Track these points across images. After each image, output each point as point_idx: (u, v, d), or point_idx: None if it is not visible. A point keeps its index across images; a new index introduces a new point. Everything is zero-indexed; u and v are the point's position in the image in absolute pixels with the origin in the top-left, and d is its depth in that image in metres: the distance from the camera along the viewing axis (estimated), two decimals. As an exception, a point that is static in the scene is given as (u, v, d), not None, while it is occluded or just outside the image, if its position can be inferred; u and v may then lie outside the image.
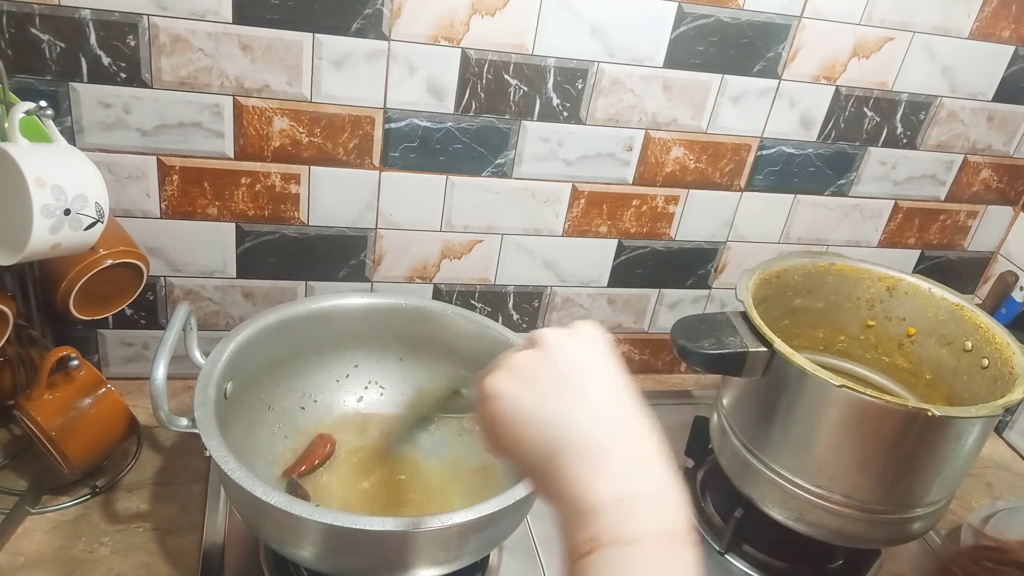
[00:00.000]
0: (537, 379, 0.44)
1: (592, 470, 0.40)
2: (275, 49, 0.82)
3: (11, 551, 0.74)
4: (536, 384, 0.44)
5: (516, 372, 0.45)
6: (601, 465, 0.40)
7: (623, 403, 0.44)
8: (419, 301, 0.89)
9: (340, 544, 0.65)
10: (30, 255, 0.67)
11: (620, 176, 0.99)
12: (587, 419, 0.42)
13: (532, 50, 0.88)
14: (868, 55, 0.98)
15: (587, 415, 0.42)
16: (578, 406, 0.43)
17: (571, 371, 0.44)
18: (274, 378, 0.84)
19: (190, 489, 0.84)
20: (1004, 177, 1.14)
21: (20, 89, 0.77)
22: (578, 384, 0.44)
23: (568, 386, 0.44)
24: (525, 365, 0.45)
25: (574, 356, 0.45)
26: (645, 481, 0.40)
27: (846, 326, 0.97)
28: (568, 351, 0.45)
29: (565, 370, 0.44)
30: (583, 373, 0.44)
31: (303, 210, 0.92)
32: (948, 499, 0.82)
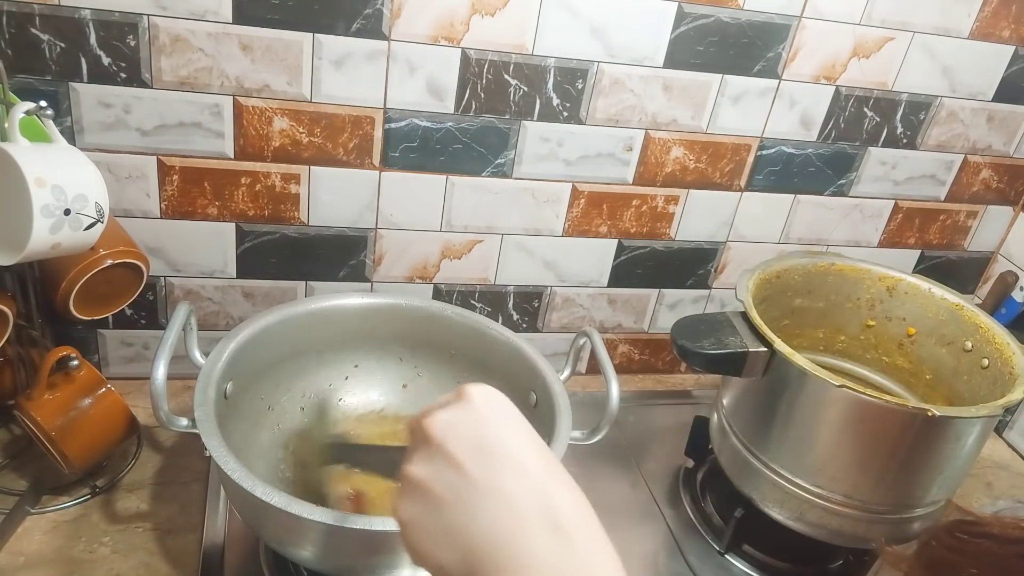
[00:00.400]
0: (441, 493, 0.41)
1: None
2: (275, 49, 0.82)
3: (11, 551, 0.74)
4: (441, 500, 0.40)
5: (419, 490, 0.41)
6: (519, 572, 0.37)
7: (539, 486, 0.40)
8: (419, 301, 0.89)
9: (340, 544, 0.65)
10: (30, 255, 0.67)
11: (620, 176, 0.99)
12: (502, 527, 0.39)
13: (532, 50, 0.88)
14: (868, 55, 0.98)
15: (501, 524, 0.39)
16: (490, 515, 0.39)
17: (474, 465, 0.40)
18: (274, 378, 0.84)
19: (190, 489, 0.84)
20: (1004, 177, 1.14)
21: (20, 89, 0.77)
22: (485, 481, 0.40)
23: (474, 490, 0.40)
24: (426, 475, 0.41)
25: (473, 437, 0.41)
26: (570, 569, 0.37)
27: (846, 326, 0.97)
28: (464, 436, 0.42)
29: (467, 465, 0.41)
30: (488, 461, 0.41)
31: (303, 210, 0.92)
32: (948, 499, 0.82)
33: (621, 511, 0.91)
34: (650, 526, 0.90)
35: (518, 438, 0.42)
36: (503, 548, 0.38)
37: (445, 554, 0.40)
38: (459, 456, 0.41)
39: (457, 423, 0.42)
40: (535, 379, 0.82)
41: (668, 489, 0.96)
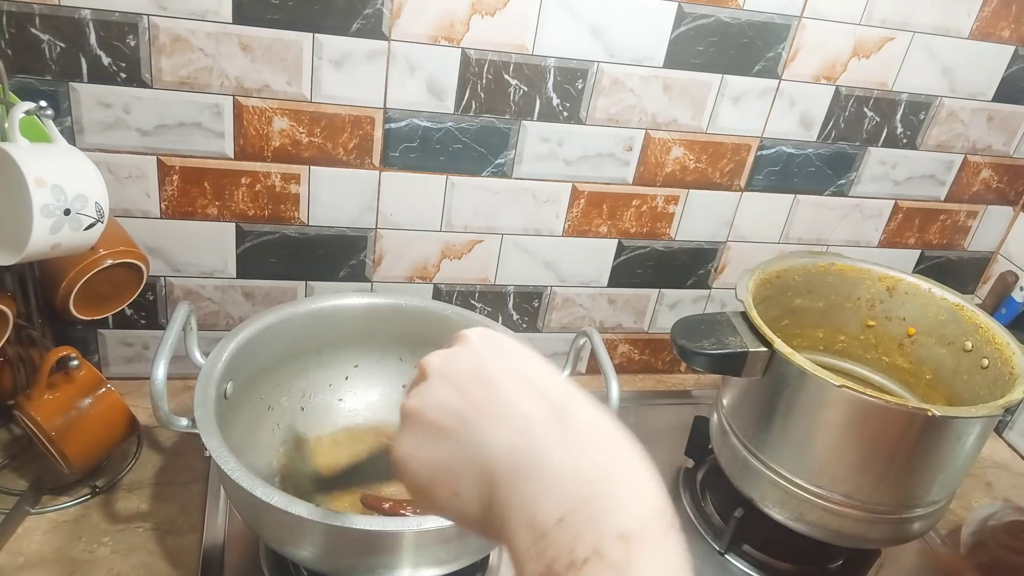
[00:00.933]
0: (443, 417, 0.38)
1: (530, 493, 0.34)
2: (275, 49, 0.82)
3: (11, 551, 0.74)
4: (443, 425, 0.38)
5: (417, 418, 0.39)
6: (539, 484, 0.34)
7: (543, 392, 0.38)
8: (419, 301, 0.89)
9: (340, 544, 0.65)
10: (30, 255, 0.67)
11: (620, 176, 0.99)
12: (512, 436, 0.36)
13: (532, 50, 0.88)
14: (868, 55, 0.98)
15: (510, 433, 0.36)
16: (497, 427, 0.37)
17: (474, 389, 0.38)
18: (274, 378, 0.84)
19: (190, 489, 0.84)
20: (1004, 177, 1.14)
21: (20, 89, 0.77)
22: (487, 402, 0.38)
23: (477, 410, 0.38)
24: (419, 410, 0.39)
25: (472, 368, 0.39)
26: (590, 480, 0.34)
27: (846, 326, 0.97)
28: (461, 365, 0.40)
29: (468, 390, 0.39)
30: (489, 384, 0.38)
31: (303, 210, 0.92)
32: (948, 499, 0.82)
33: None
34: (650, 526, 0.90)
35: (525, 364, 0.40)
36: (518, 457, 0.35)
37: (459, 482, 0.37)
38: (459, 383, 0.39)
39: (452, 356, 0.41)
40: (535, 379, 0.81)
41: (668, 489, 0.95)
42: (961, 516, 0.95)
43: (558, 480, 0.34)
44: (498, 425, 0.37)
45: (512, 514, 0.34)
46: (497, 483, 0.35)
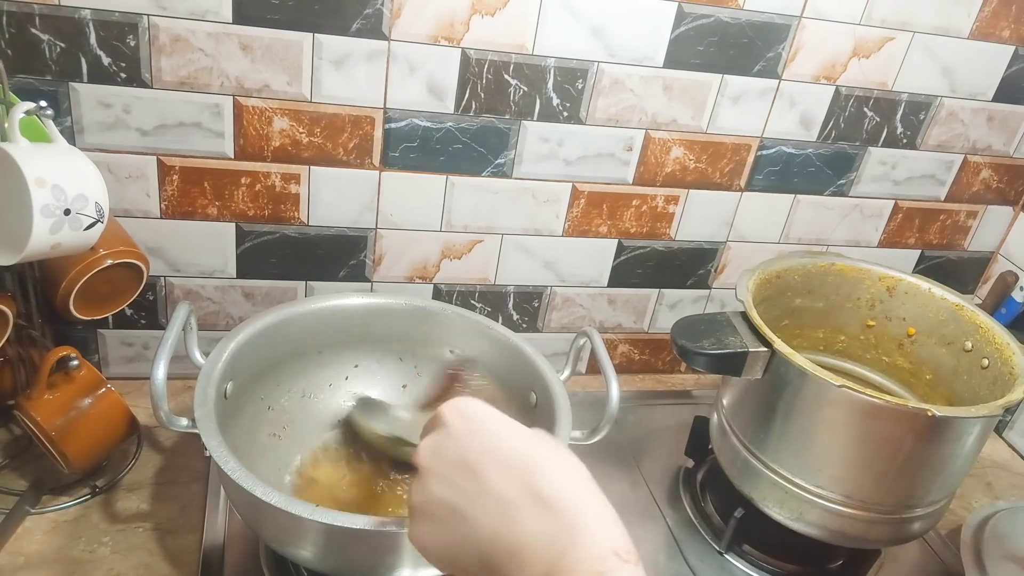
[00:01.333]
0: (440, 512, 0.46)
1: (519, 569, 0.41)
2: (275, 49, 0.82)
3: (11, 551, 0.74)
4: (442, 517, 0.46)
5: (422, 512, 0.47)
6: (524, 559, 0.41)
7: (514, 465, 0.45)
8: (419, 301, 0.89)
9: (340, 544, 0.65)
10: (30, 255, 0.67)
11: (620, 176, 0.99)
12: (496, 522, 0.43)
13: (532, 50, 0.88)
14: (868, 55, 0.98)
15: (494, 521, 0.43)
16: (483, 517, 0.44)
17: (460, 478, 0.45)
18: (274, 378, 0.84)
19: (190, 489, 0.84)
20: (1004, 177, 1.14)
21: (20, 89, 0.77)
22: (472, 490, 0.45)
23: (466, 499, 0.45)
24: (424, 498, 0.47)
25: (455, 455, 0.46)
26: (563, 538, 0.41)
27: (846, 326, 0.97)
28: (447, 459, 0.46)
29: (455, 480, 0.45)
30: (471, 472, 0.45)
31: (303, 210, 0.92)
32: (948, 499, 0.82)
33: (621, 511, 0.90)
34: (650, 526, 0.90)
35: (496, 440, 0.46)
36: (504, 540, 0.42)
37: (465, 563, 0.45)
38: (446, 475, 0.46)
39: (438, 447, 0.47)
40: (535, 379, 0.82)
41: (668, 489, 0.96)
42: (961, 516, 0.95)
43: (537, 550, 0.41)
44: (483, 512, 0.44)
45: None
46: (492, 564, 0.43)
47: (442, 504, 0.46)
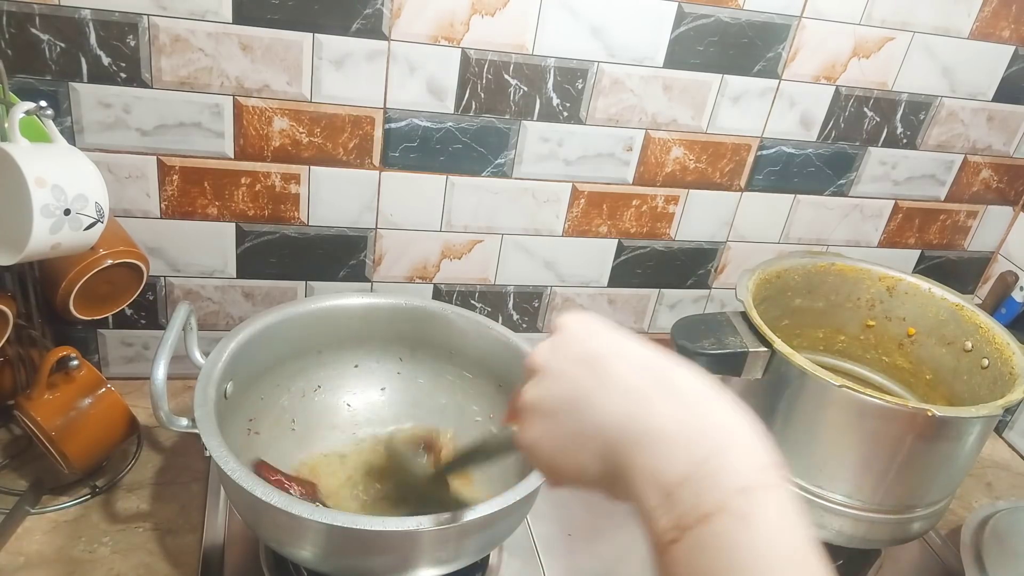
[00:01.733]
0: (558, 403, 0.42)
1: (651, 458, 0.38)
2: (275, 49, 0.82)
3: (11, 551, 0.74)
4: (560, 409, 0.42)
5: (536, 410, 0.44)
6: (657, 449, 0.38)
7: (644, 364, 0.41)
8: (419, 301, 0.89)
9: (340, 544, 0.65)
10: (30, 255, 0.67)
11: (620, 176, 0.99)
12: (625, 409, 0.39)
13: (532, 50, 0.88)
14: (868, 55, 0.98)
15: (623, 407, 0.40)
16: (610, 404, 0.40)
17: (582, 372, 0.42)
18: (274, 378, 0.84)
19: (190, 489, 0.84)
20: (1004, 177, 1.14)
21: (20, 89, 0.77)
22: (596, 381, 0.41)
23: (589, 390, 0.41)
24: (539, 396, 0.43)
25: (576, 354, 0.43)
26: (706, 440, 0.37)
27: (846, 326, 0.97)
28: (567, 356, 0.43)
29: (576, 375, 0.42)
30: (595, 366, 0.42)
31: (303, 210, 0.92)
32: (948, 499, 0.83)
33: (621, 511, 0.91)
34: (650, 526, 0.90)
35: (622, 342, 0.43)
36: (633, 426, 0.39)
37: (582, 456, 0.41)
38: (568, 371, 0.43)
39: (556, 347, 0.44)
40: (535, 379, 0.81)
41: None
42: (961, 516, 0.95)
43: (675, 445, 0.37)
44: (609, 400, 0.40)
45: (636, 478, 0.38)
46: (618, 453, 0.39)
47: (562, 398, 0.42)
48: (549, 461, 0.43)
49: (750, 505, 0.35)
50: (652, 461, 0.37)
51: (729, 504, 0.35)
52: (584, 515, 0.89)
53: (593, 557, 0.85)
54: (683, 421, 0.38)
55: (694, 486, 0.36)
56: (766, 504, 0.35)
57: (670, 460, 0.37)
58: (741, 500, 0.35)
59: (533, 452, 0.44)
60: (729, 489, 0.35)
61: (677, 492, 0.36)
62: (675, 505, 0.36)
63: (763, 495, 0.35)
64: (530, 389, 0.44)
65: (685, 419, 0.38)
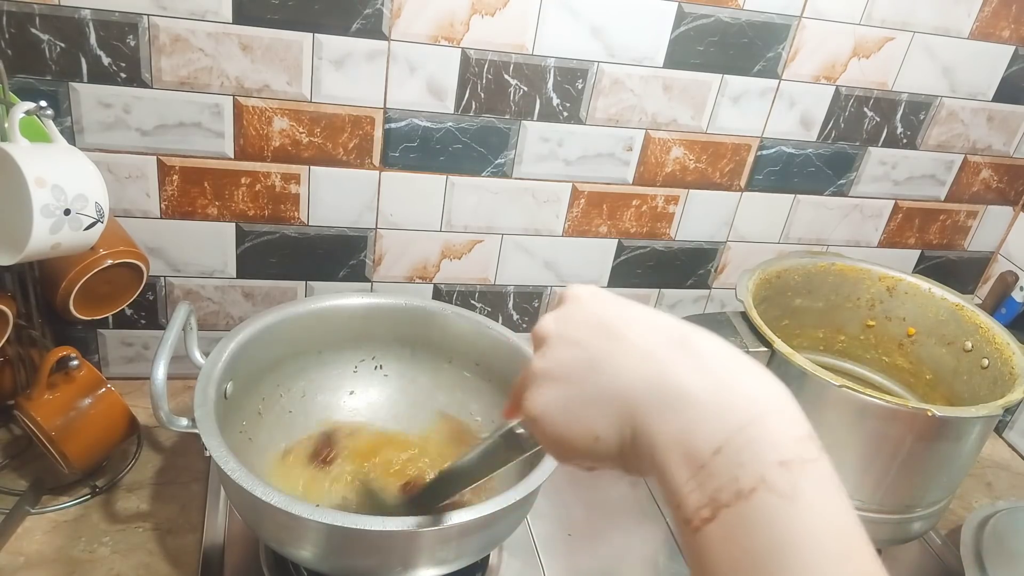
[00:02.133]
0: (570, 369, 0.38)
1: (678, 426, 0.34)
2: (275, 49, 0.82)
3: (11, 551, 0.74)
4: (573, 374, 0.38)
5: (545, 377, 0.39)
6: (686, 416, 0.34)
7: (663, 329, 0.38)
8: (419, 301, 0.89)
9: (340, 544, 0.65)
10: (30, 255, 0.67)
11: (620, 176, 0.99)
12: (647, 373, 0.36)
13: (532, 50, 0.88)
14: (868, 55, 0.98)
15: (644, 371, 0.36)
16: (629, 369, 0.36)
17: (596, 337, 0.38)
18: (274, 378, 0.84)
19: (190, 489, 0.84)
20: (1004, 177, 1.14)
21: (20, 89, 0.77)
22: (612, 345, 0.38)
23: (604, 353, 0.38)
24: (549, 363, 0.39)
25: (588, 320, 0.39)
26: (739, 409, 0.34)
27: (846, 326, 0.97)
28: (577, 320, 0.40)
29: (590, 339, 0.38)
30: (610, 330, 0.38)
31: (303, 210, 0.92)
32: (948, 499, 0.83)
33: (621, 511, 0.91)
34: (650, 526, 0.90)
35: (632, 307, 0.40)
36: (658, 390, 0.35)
37: (597, 424, 0.37)
38: (580, 336, 0.39)
39: (566, 315, 0.41)
40: (535, 379, 0.81)
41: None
42: (961, 516, 0.95)
43: (705, 411, 0.34)
44: (628, 363, 0.37)
45: (661, 448, 0.34)
46: (639, 419, 0.35)
47: (575, 363, 0.38)
48: (560, 431, 0.39)
49: (793, 479, 0.32)
50: (679, 430, 0.34)
51: (771, 478, 0.32)
52: (584, 515, 0.89)
53: (593, 557, 0.85)
54: (712, 387, 0.34)
55: (730, 458, 0.32)
56: (810, 479, 0.32)
57: (701, 429, 0.33)
58: (784, 474, 0.32)
59: (542, 422, 0.39)
60: (769, 462, 0.32)
61: (710, 464, 0.33)
62: (708, 478, 0.32)
63: (806, 469, 0.32)
64: (539, 358, 0.40)
65: (714, 385, 0.34)
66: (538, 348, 0.41)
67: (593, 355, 0.38)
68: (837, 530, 0.32)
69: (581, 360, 0.38)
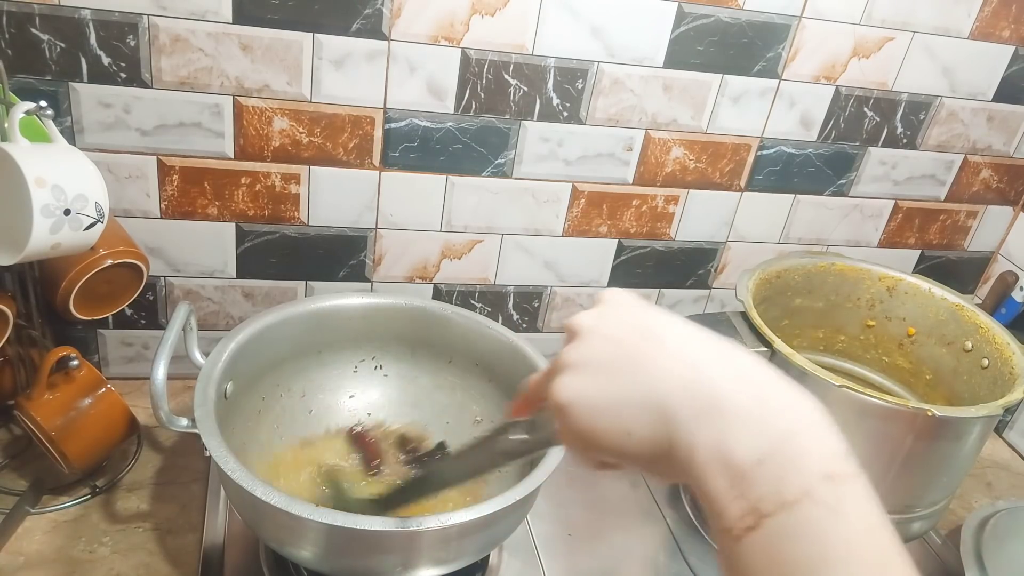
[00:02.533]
0: (608, 361, 0.38)
1: (723, 429, 0.34)
2: (275, 49, 0.82)
3: (11, 551, 0.74)
4: (610, 367, 0.38)
5: (580, 366, 0.39)
6: (727, 424, 0.34)
7: (706, 342, 0.38)
8: (419, 301, 0.89)
9: (340, 544, 0.65)
10: (30, 255, 0.67)
11: (620, 176, 0.99)
12: (687, 377, 0.36)
13: (532, 50, 0.88)
14: (868, 55, 0.98)
15: (684, 374, 0.36)
16: (667, 368, 0.36)
17: (635, 339, 0.38)
18: (274, 378, 0.84)
19: (190, 489, 0.84)
20: (1004, 177, 1.14)
21: (20, 89, 0.77)
22: (652, 346, 0.37)
23: (643, 353, 0.37)
24: (585, 354, 0.39)
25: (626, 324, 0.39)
26: (781, 420, 0.34)
27: (846, 326, 0.97)
28: (616, 322, 0.39)
29: (628, 341, 0.38)
30: (649, 336, 0.38)
31: (303, 210, 0.92)
32: (948, 499, 0.83)
33: (621, 511, 0.91)
34: (650, 526, 0.90)
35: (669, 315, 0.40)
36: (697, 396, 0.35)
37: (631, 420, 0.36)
38: (619, 333, 0.39)
39: (605, 313, 0.41)
40: (535, 379, 0.81)
41: (668, 489, 0.96)
42: (961, 516, 0.95)
43: (747, 420, 0.34)
44: (669, 365, 0.36)
45: (699, 455, 0.34)
46: (677, 424, 0.35)
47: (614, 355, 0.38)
48: (589, 422, 0.38)
49: (838, 492, 0.32)
50: (720, 437, 0.34)
51: (815, 491, 0.32)
52: (584, 515, 0.89)
53: (593, 557, 0.85)
54: (754, 398, 0.35)
55: (773, 469, 0.33)
56: (852, 492, 0.33)
57: (742, 438, 0.34)
58: (829, 487, 0.32)
59: (572, 409, 0.38)
60: (814, 474, 0.33)
61: (752, 474, 0.33)
62: (750, 488, 0.33)
63: (848, 483, 0.33)
64: (573, 348, 0.39)
65: (755, 396, 0.35)
66: (572, 340, 0.40)
67: (631, 353, 0.38)
68: (877, 542, 0.32)
69: (619, 356, 0.38)
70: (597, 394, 0.38)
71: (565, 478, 0.88)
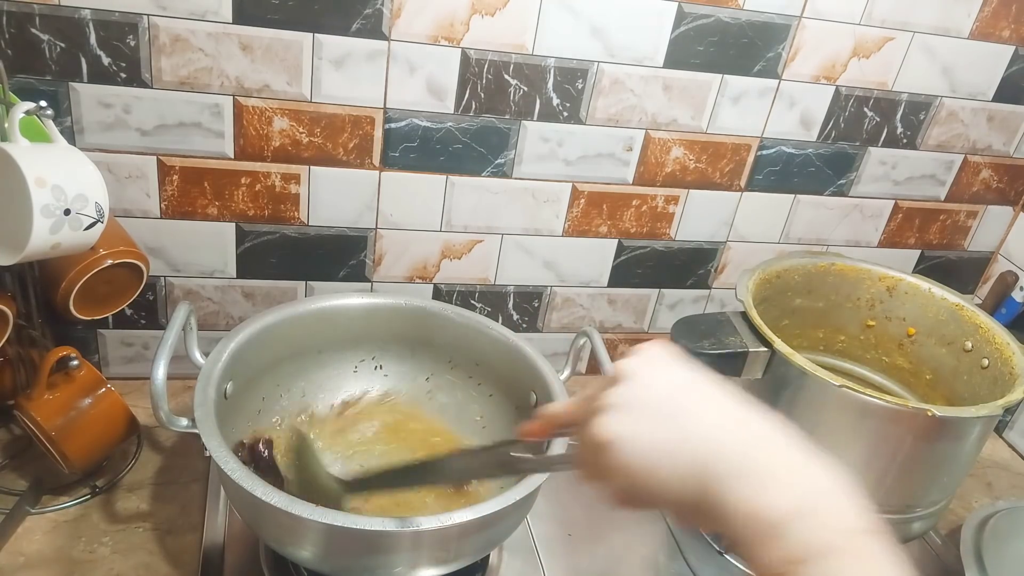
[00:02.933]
0: (655, 409, 0.41)
1: (757, 487, 0.38)
2: (275, 49, 0.82)
3: (11, 551, 0.74)
4: (656, 414, 0.41)
5: (627, 408, 0.41)
6: (764, 479, 0.38)
7: (743, 409, 0.42)
8: (419, 301, 0.89)
9: (340, 544, 0.65)
10: (30, 255, 0.67)
11: (620, 176, 0.99)
12: (724, 435, 0.40)
13: (532, 50, 0.88)
14: (868, 55, 0.98)
15: (722, 431, 0.40)
16: (707, 425, 0.40)
17: (678, 393, 0.42)
18: (274, 378, 0.84)
19: (190, 489, 0.84)
20: (1004, 177, 1.14)
21: (20, 89, 0.77)
22: (695, 404, 0.41)
23: (686, 408, 0.41)
24: (632, 398, 0.41)
25: (671, 377, 0.43)
26: (812, 481, 0.39)
27: (846, 326, 0.97)
28: (661, 373, 0.43)
29: (673, 394, 0.42)
30: (691, 392, 0.42)
31: (303, 210, 0.92)
32: (948, 499, 0.83)
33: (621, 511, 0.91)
34: (650, 526, 0.90)
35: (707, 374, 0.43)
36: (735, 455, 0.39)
37: (670, 470, 0.40)
38: (666, 383, 0.42)
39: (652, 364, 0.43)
40: (535, 379, 0.82)
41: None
42: (961, 516, 0.95)
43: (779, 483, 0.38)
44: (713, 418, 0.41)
45: (732, 511, 0.38)
46: (711, 479, 0.39)
47: (659, 405, 0.41)
48: (631, 461, 0.40)
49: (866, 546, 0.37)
50: (754, 497, 0.38)
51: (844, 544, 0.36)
52: (584, 515, 0.89)
53: (593, 557, 0.85)
54: (787, 462, 0.39)
55: (803, 523, 0.37)
56: (879, 547, 0.37)
57: (775, 499, 0.37)
58: (856, 541, 0.37)
59: (614, 448, 0.41)
60: (842, 530, 0.37)
61: (783, 525, 0.37)
62: (782, 537, 0.36)
63: (874, 539, 0.37)
64: (623, 389, 0.42)
65: (788, 460, 0.39)
66: (618, 383, 0.43)
67: (676, 405, 0.41)
68: None
69: (665, 406, 0.41)
70: (642, 437, 0.40)
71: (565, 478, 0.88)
